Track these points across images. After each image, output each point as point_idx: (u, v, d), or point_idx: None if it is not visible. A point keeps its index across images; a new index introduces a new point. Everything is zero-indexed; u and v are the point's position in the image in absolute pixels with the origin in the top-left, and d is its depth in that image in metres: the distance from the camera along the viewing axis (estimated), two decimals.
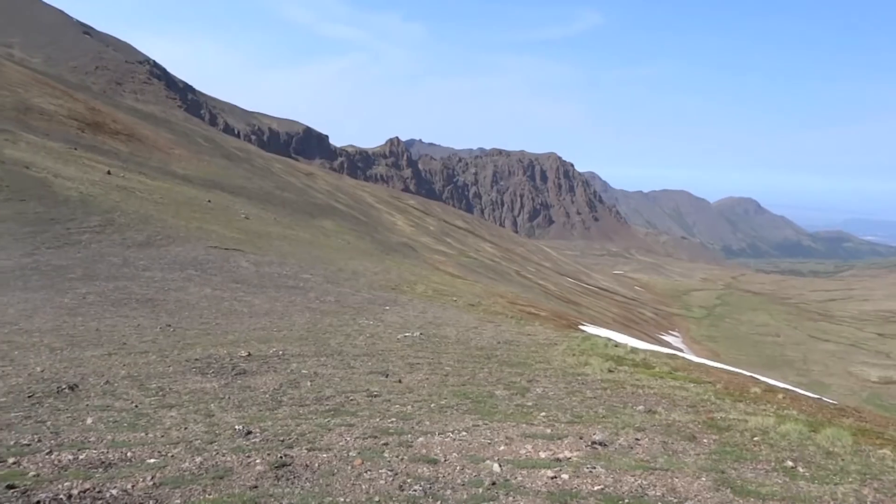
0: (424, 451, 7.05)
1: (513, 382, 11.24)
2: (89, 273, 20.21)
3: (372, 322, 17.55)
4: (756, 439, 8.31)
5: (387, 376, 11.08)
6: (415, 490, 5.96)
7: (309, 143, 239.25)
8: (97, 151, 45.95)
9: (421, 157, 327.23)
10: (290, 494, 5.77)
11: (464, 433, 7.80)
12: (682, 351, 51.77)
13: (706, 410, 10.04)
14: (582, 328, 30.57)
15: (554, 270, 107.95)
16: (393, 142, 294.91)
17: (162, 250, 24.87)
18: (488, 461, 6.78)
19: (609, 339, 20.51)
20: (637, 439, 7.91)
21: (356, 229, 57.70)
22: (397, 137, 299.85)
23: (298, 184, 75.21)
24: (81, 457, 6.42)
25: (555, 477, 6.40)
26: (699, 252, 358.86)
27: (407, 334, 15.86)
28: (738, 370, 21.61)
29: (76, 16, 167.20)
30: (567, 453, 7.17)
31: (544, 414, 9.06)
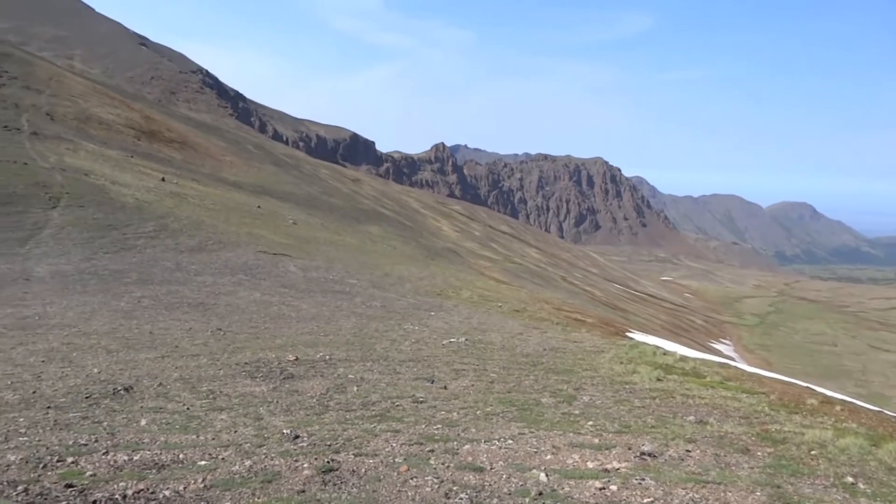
0: (470, 459, 7.01)
1: (559, 390, 11.11)
2: (144, 277, 20.81)
3: (417, 327, 17.61)
4: (813, 453, 8.01)
5: (432, 382, 11.08)
6: (461, 498, 5.93)
7: (356, 150, 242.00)
8: (152, 159, 47.40)
9: (466, 163, 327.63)
10: (337, 500, 5.81)
11: (510, 441, 7.73)
12: (734, 360, 50.48)
13: (760, 422, 9.74)
14: (629, 335, 30.09)
15: (601, 276, 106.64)
16: (438, 147, 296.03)
17: (213, 255, 25.45)
18: (535, 470, 6.70)
19: (657, 347, 20.11)
20: (688, 451, 7.72)
21: (402, 234, 58.06)
22: (443, 143, 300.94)
23: (345, 189, 76.13)
24: (136, 458, 6.59)
25: (603, 488, 6.29)
26: (751, 258, 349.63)
27: (452, 340, 15.85)
28: (793, 380, 20.93)
29: (133, 28, 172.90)
30: (615, 464, 7.04)
31: (591, 423, 8.93)
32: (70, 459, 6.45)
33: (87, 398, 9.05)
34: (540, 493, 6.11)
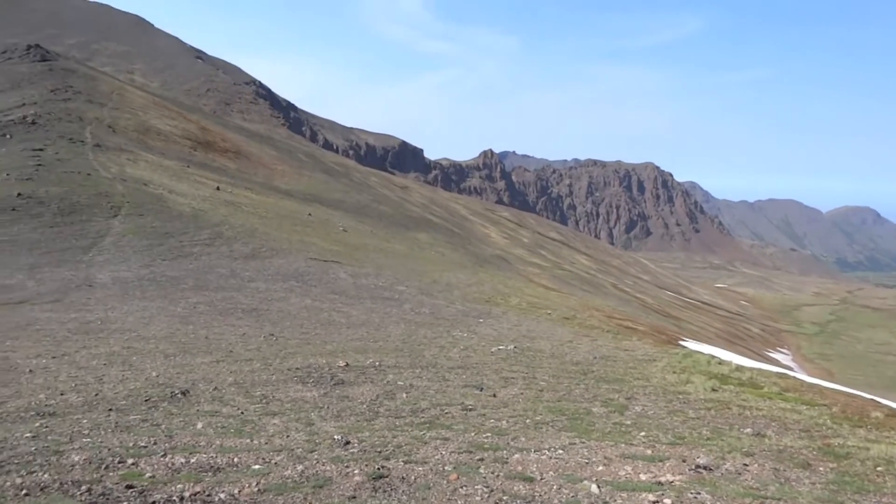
0: (520, 469, 6.95)
1: (610, 399, 10.93)
2: (200, 284, 21.37)
3: (466, 334, 17.60)
4: (879, 469, 7.68)
5: (481, 390, 11.05)
6: None
7: (404, 157, 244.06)
8: (207, 168, 48.75)
9: (514, 169, 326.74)
10: None
11: (560, 451, 7.64)
12: (793, 370, 48.88)
13: (821, 436, 9.39)
14: (682, 344, 29.44)
15: (652, 283, 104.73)
16: (486, 154, 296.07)
17: (266, 262, 25.97)
18: (586, 481, 6.60)
19: (712, 356, 19.60)
20: (745, 465, 7.49)
21: (450, 241, 58.20)
22: (491, 150, 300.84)
23: (394, 197, 76.80)
24: (193, 460, 6.76)
25: (656, 502, 6.15)
26: (811, 265, 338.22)
27: (501, 347, 15.79)
28: (856, 392, 20.11)
29: (189, 42, 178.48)
30: (669, 477, 6.88)
31: (644, 434, 8.75)
32: (130, 461, 6.65)
33: (146, 401, 9.33)
34: None
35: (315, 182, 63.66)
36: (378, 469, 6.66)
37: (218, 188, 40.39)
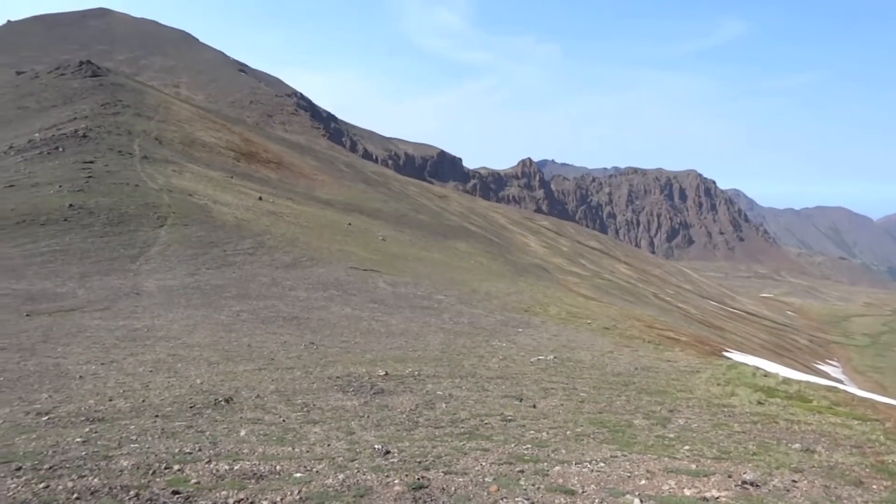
0: (561, 481, 6.88)
1: (652, 412, 10.75)
2: (242, 292, 21.75)
3: (505, 344, 17.52)
4: None
5: (521, 401, 10.98)
6: None
7: (443, 167, 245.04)
8: (250, 179, 49.68)
9: (553, 178, 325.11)
10: None
11: (601, 464, 7.54)
12: (843, 383, 47.36)
13: (874, 452, 9.06)
14: (726, 355, 28.80)
15: (695, 293, 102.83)
16: (525, 163, 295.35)
17: (306, 271, 26.30)
18: (629, 496, 6.50)
19: (757, 368, 19.13)
20: (794, 481, 7.27)
21: (489, 251, 58.12)
22: (529, 158, 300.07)
23: (432, 206, 77.09)
24: (236, 467, 6.86)
25: None
26: (861, 274, 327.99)
27: (540, 357, 15.68)
28: None
29: (233, 55, 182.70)
30: (714, 492, 6.73)
31: (688, 447, 8.58)
32: (176, 467, 6.79)
33: (191, 408, 9.51)
34: None
35: (355, 192, 64.33)
36: (418, 479, 6.67)
37: (260, 198, 41.11)
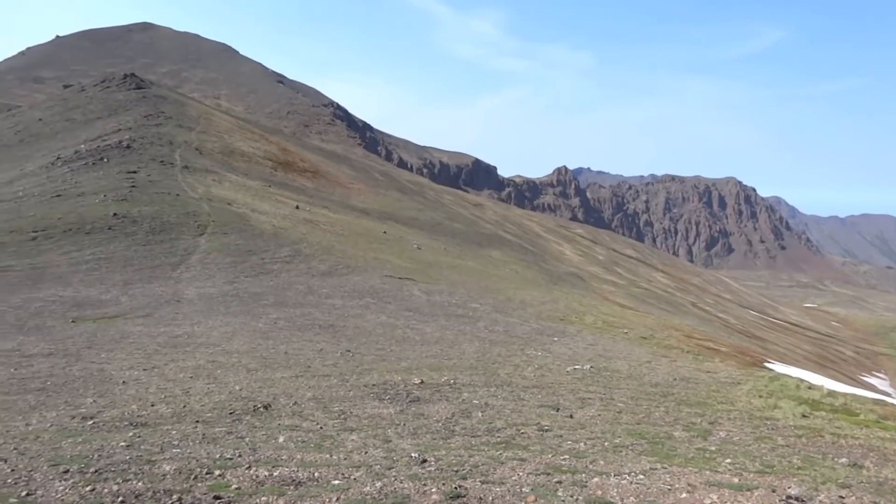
0: (600, 493, 6.79)
1: (692, 424, 10.55)
2: (279, 300, 22.03)
3: (541, 353, 17.41)
4: None
5: (557, 410, 10.89)
6: None
7: (477, 175, 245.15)
8: (287, 188, 50.38)
9: (589, 186, 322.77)
10: None
11: (641, 476, 7.42)
12: (891, 396, 45.84)
13: None
14: (768, 366, 28.15)
15: (735, 302, 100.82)
16: (560, 171, 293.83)
17: (342, 279, 26.52)
18: None
19: (801, 380, 18.65)
20: (841, 497, 7.06)
21: (524, 259, 57.88)
22: (565, 166, 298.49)
23: (467, 214, 77.13)
24: (275, 473, 6.94)
25: None
26: None
27: (576, 367, 15.53)
28: None
29: (272, 67, 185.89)
30: None
31: (730, 461, 8.39)
32: (217, 472, 6.89)
33: (231, 414, 9.65)
34: None
35: (390, 200, 64.73)
36: (455, 489, 6.65)
37: (297, 207, 41.64)
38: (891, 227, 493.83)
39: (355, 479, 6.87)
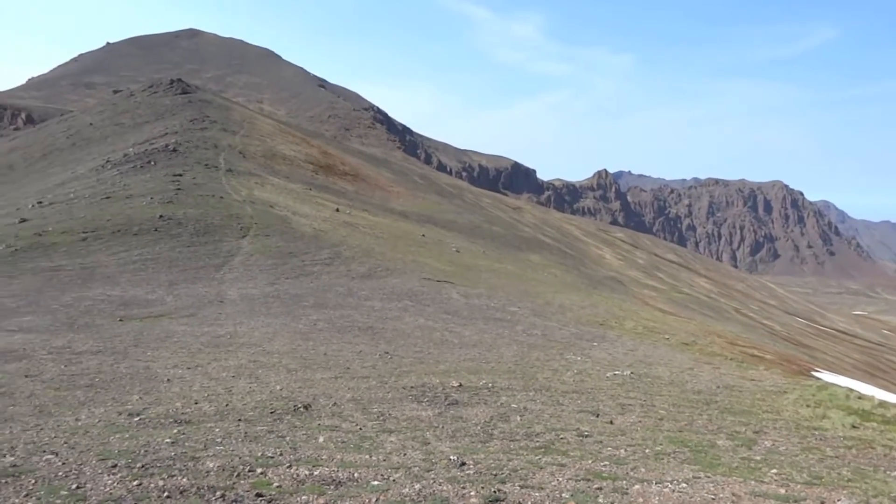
0: (641, 501, 6.69)
1: (736, 432, 10.32)
2: (319, 302, 22.27)
3: (580, 358, 17.23)
4: None
5: (597, 416, 10.76)
6: None
7: (517, 178, 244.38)
8: (328, 191, 50.97)
9: (630, 189, 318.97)
10: None
11: (683, 485, 7.29)
12: None
13: None
14: (816, 375, 27.40)
15: (780, 309, 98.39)
16: (601, 174, 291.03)
17: (381, 281, 26.69)
18: None
19: (851, 390, 18.07)
20: None
21: (563, 263, 57.46)
22: (605, 170, 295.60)
23: (506, 218, 76.92)
24: (316, 473, 7.01)
25: None
26: None
27: (616, 372, 15.33)
28: None
29: (313, 71, 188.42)
30: None
31: (776, 471, 8.18)
32: (259, 470, 7.00)
33: (272, 413, 9.79)
34: None
35: (429, 203, 64.97)
36: (494, 492, 6.62)
37: (337, 210, 42.09)
38: None
39: (394, 481, 6.89)
